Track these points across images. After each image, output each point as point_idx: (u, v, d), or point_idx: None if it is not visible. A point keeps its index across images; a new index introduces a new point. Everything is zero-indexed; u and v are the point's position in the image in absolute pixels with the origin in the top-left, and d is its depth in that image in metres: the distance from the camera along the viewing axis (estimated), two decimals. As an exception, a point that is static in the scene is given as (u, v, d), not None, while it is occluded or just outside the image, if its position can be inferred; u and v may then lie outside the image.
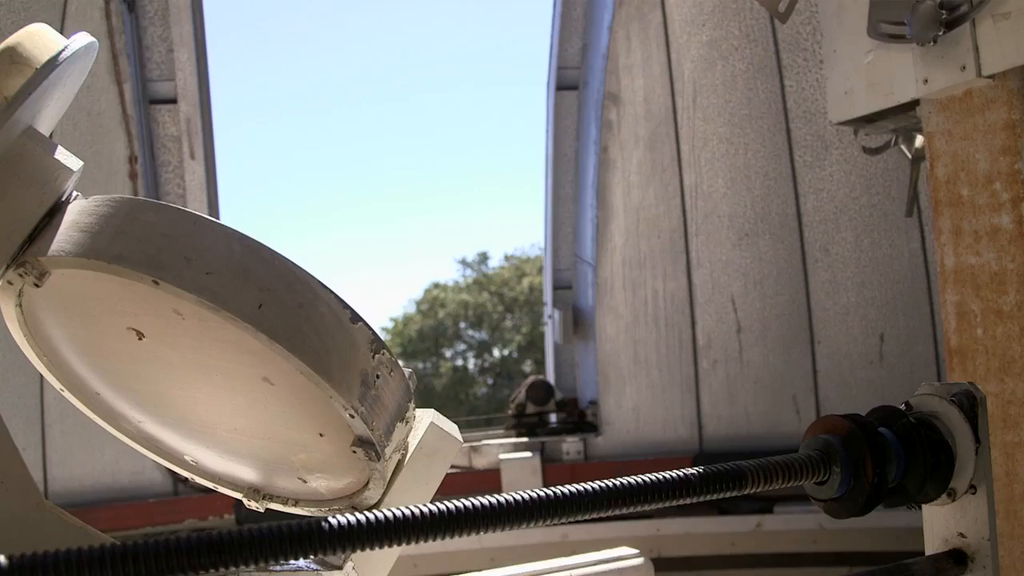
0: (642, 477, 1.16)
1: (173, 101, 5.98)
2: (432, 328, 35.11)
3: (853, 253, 6.02)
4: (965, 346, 3.02)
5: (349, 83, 63.08)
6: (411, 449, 1.39)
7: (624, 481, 1.14)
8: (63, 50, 1.38)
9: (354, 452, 1.29)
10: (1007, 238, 2.89)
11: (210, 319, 1.21)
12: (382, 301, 57.26)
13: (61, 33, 1.42)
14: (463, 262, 37.22)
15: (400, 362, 1.33)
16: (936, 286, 4.90)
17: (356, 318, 1.24)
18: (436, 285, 36.70)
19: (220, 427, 1.46)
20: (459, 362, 35.66)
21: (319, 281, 1.23)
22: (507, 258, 36.79)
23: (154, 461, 1.63)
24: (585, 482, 1.11)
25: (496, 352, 35.67)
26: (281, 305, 1.20)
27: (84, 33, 1.45)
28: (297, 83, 62.75)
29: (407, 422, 1.35)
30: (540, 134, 7.19)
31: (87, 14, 5.50)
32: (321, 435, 1.33)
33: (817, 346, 6.13)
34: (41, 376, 1.61)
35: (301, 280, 1.23)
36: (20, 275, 1.35)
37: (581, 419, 6.76)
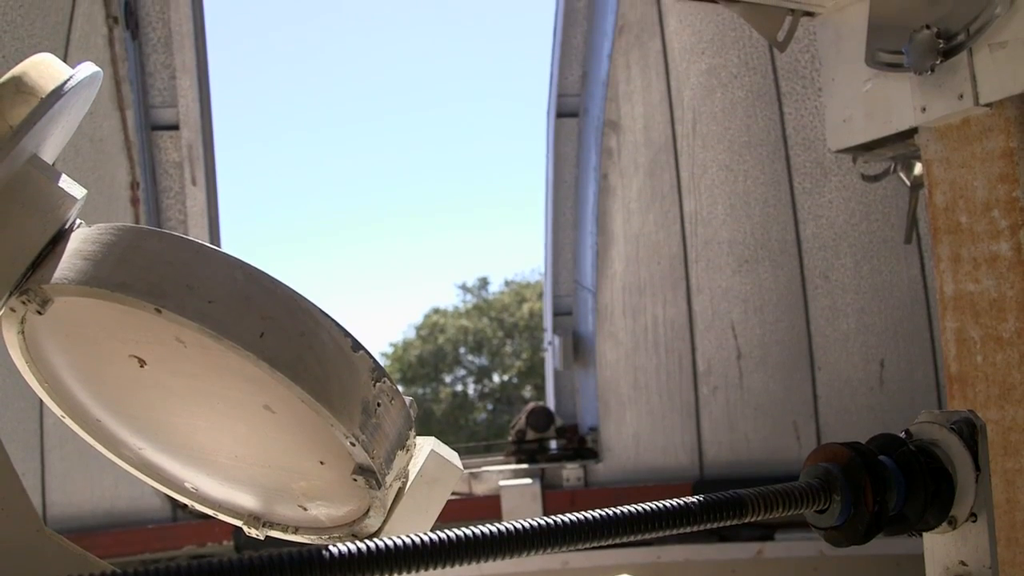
0: (642, 506, 1.16)
1: (175, 127, 6.02)
2: (432, 353, 35.08)
3: (853, 279, 6.03)
4: (965, 373, 3.02)
5: (349, 104, 63.34)
6: (412, 477, 1.40)
7: (624, 510, 1.14)
8: (68, 80, 1.39)
9: (355, 480, 1.29)
10: (1006, 265, 2.90)
11: (212, 347, 1.21)
12: (382, 326, 57.31)
13: (64, 59, 1.44)
14: (463, 287, 37.25)
15: (400, 387, 1.33)
16: (936, 312, 4.91)
17: (357, 346, 1.25)
18: (436, 310, 36.71)
19: (221, 454, 1.46)
20: (459, 387, 35.60)
21: (320, 309, 1.24)
22: (507, 283, 36.82)
23: (154, 488, 1.63)
24: (586, 510, 1.11)
25: (496, 378, 35.62)
26: (283, 333, 1.21)
27: (89, 63, 1.46)
28: (296, 104, 63.00)
29: (408, 450, 1.35)
30: (540, 159, 7.23)
31: (90, 41, 5.54)
32: (322, 463, 1.33)
33: (817, 372, 6.13)
34: (41, 402, 1.62)
35: (303, 308, 1.23)
36: (23, 302, 1.36)
37: (581, 445, 6.75)
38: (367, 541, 0.91)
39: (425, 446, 1.43)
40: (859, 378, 6.04)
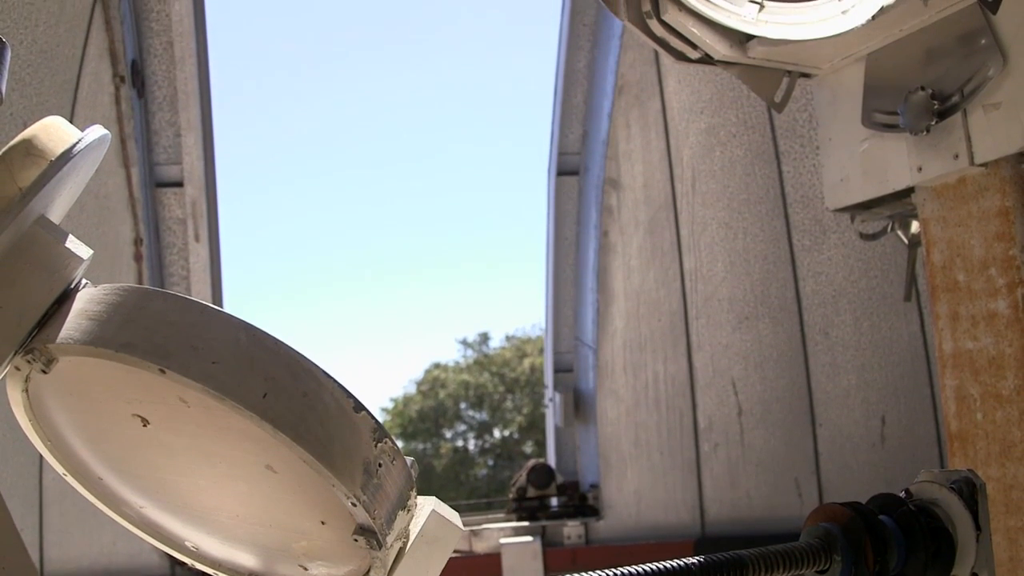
0: (642, 567, 1.17)
1: (179, 184, 6.07)
2: (432, 409, 34.96)
3: (853, 336, 6.04)
4: (965, 430, 3.02)
5: (349, 157, 63.75)
6: (412, 537, 1.40)
7: (624, 571, 1.14)
8: (77, 143, 1.41)
9: (356, 540, 1.29)
10: (1004, 323, 2.91)
11: (215, 407, 1.22)
12: (382, 381, 57.11)
13: (71, 117, 1.46)
14: (464, 342, 37.20)
15: (400, 443, 1.34)
16: (936, 369, 4.92)
17: (359, 407, 1.26)
18: (437, 365, 36.62)
19: (222, 513, 1.47)
20: (459, 443, 35.43)
21: (323, 370, 1.25)
22: (508, 338, 36.77)
23: (153, 545, 1.63)
24: (587, 568, 1.11)
25: (497, 433, 35.46)
26: (286, 394, 1.22)
27: (98, 126, 1.49)
28: (296, 155, 63.39)
29: (409, 510, 1.35)
30: (541, 213, 7.28)
31: (97, 99, 5.61)
32: (323, 523, 1.33)
33: (819, 429, 6.12)
34: (40, 457, 1.62)
35: (305, 369, 1.25)
36: (28, 361, 1.37)
37: (582, 503, 6.72)
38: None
39: (426, 506, 1.44)
40: (860, 434, 6.03)
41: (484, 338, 37.08)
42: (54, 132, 1.42)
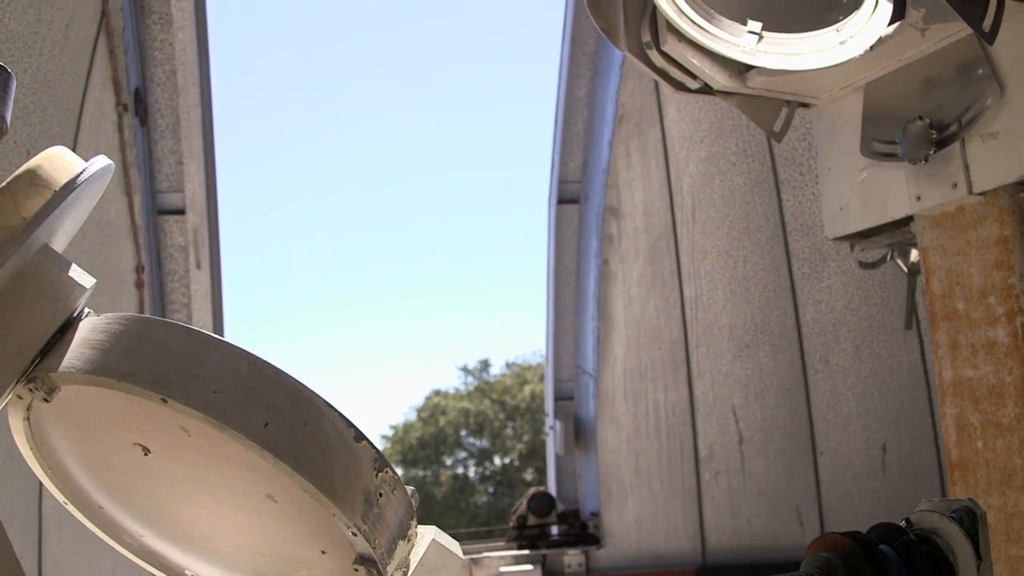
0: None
1: (181, 212, 6.09)
2: (433, 436, 34.85)
3: (853, 364, 6.04)
4: (966, 459, 3.02)
5: (348, 183, 63.88)
6: (413, 566, 1.40)
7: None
8: (81, 173, 1.42)
9: (356, 570, 1.30)
10: (1003, 351, 2.91)
11: (216, 436, 1.23)
12: (382, 408, 56.97)
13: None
14: (464, 369, 37.14)
15: (400, 471, 1.34)
16: (937, 396, 4.92)
17: (360, 436, 1.26)
18: (437, 392, 36.55)
19: (222, 542, 1.47)
20: (460, 470, 35.29)
21: (324, 399, 1.25)
22: (508, 365, 36.71)
23: (152, 574, 1.63)
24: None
25: (497, 460, 35.34)
26: (286, 423, 1.22)
27: (101, 156, 1.50)
28: (295, 180, 63.54)
29: (409, 540, 1.35)
30: (542, 240, 7.30)
31: (100, 127, 5.63)
32: (323, 552, 1.33)
33: (819, 457, 6.10)
34: (40, 484, 1.62)
35: (306, 398, 1.25)
36: (30, 390, 1.37)
37: (583, 531, 6.70)
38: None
39: (426, 535, 1.44)
40: (861, 462, 6.01)
41: (484, 365, 37.04)
42: (58, 162, 1.43)
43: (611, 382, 6.60)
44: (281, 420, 1.22)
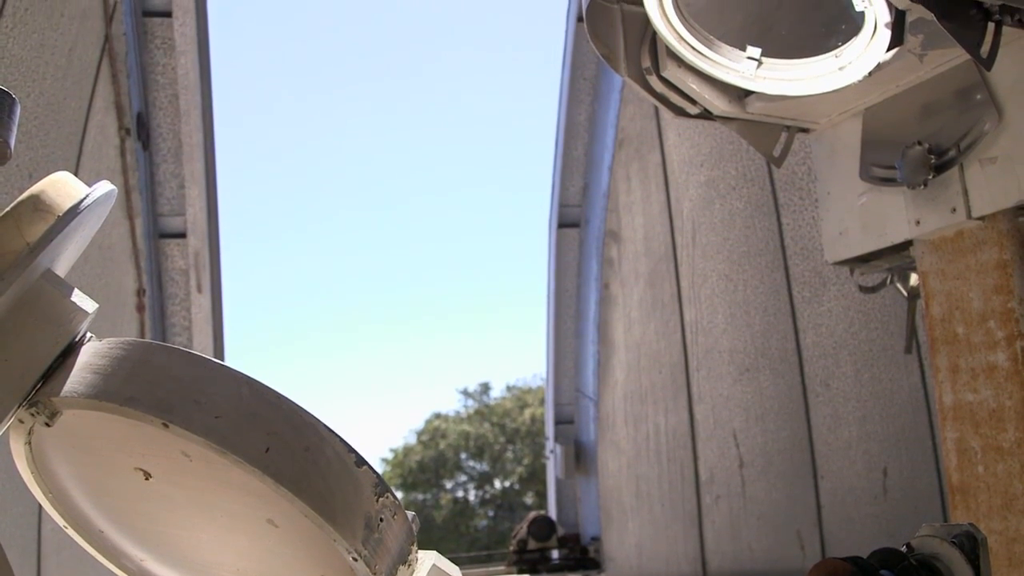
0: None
1: (182, 235, 6.11)
2: (433, 459, 34.78)
3: (854, 387, 6.03)
4: (967, 483, 3.02)
5: (347, 208, 63.97)
6: (413, 591, 1.40)
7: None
8: (84, 198, 1.43)
9: (356, 594, 1.30)
10: (1003, 375, 2.92)
11: (217, 461, 1.23)
12: (382, 431, 56.85)
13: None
14: (464, 392, 37.10)
15: (400, 495, 1.34)
16: (937, 420, 4.91)
17: (361, 462, 1.27)
18: (437, 415, 36.50)
19: (223, 567, 1.47)
20: (460, 494, 35.21)
21: (325, 425, 1.26)
22: (509, 388, 36.68)
23: (153, 600, 1.63)
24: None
25: (497, 484, 35.26)
26: (288, 448, 1.23)
27: (105, 182, 1.51)
28: (294, 203, 63.63)
29: (409, 565, 1.36)
30: (542, 263, 7.32)
31: (102, 151, 5.65)
32: (323, 577, 1.33)
33: (820, 481, 6.09)
34: (39, 508, 1.63)
35: (308, 424, 1.26)
36: (32, 414, 1.38)
37: (583, 555, 6.68)
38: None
39: (427, 560, 1.44)
40: (862, 487, 6.00)
41: (485, 388, 37.00)
42: (62, 187, 1.44)
43: (611, 406, 6.60)
44: (282, 445, 1.22)
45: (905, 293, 3.76)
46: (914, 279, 3.64)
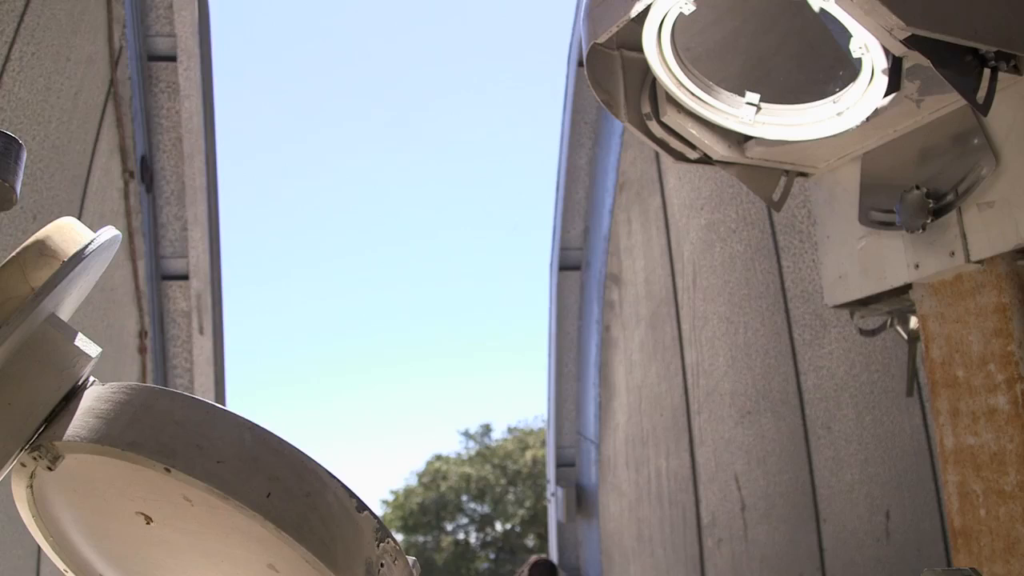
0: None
1: (185, 278, 6.13)
2: (434, 501, 34.57)
3: (855, 430, 6.02)
4: (969, 527, 3.01)
5: (348, 247, 64.08)
6: (413, 636, 1.40)
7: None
8: (89, 244, 1.44)
9: (356, 640, 1.30)
10: (1004, 419, 2.92)
11: (219, 506, 1.24)
12: (383, 473, 56.56)
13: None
14: (465, 434, 36.98)
15: (401, 537, 1.35)
16: (939, 463, 4.89)
17: (362, 507, 1.27)
18: (438, 457, 36.34)
19: (223, 612, 1.47)
20: (461, 536, 34.96)
21: (327, 470, 1.27)
22: (510, 430, 36.56)
23: (153, 644, 1.62)
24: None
25: (499, 526, 35.03)
26: (289, 494, 1.23)
27: (110, 227, 1.53)
28: (295, 242, 63.75)
29: (409, 609, 1.36)
30: (543, 304, 7.33)
31: (106, 194, 5.69)
32: (324, 621, 1.33)
33: (823, 524, 6.06)
34: (38, 549, 1.63)
35: (309, 469, 1.26)
36: (34, 458, 1.38)
37: (585, 599, 6.62)
38: None
39: (426, 605, 1.44)
40: (865, 529, 5.96)
41: (486, 430, 36.87)
42: (67, 233, 1.46)
43: (613, 449, 6.58)
44: (284, 491, 1.23)
45: (905, 336, 3.77)
46: (914, 322, 3.64)
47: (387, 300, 61.74)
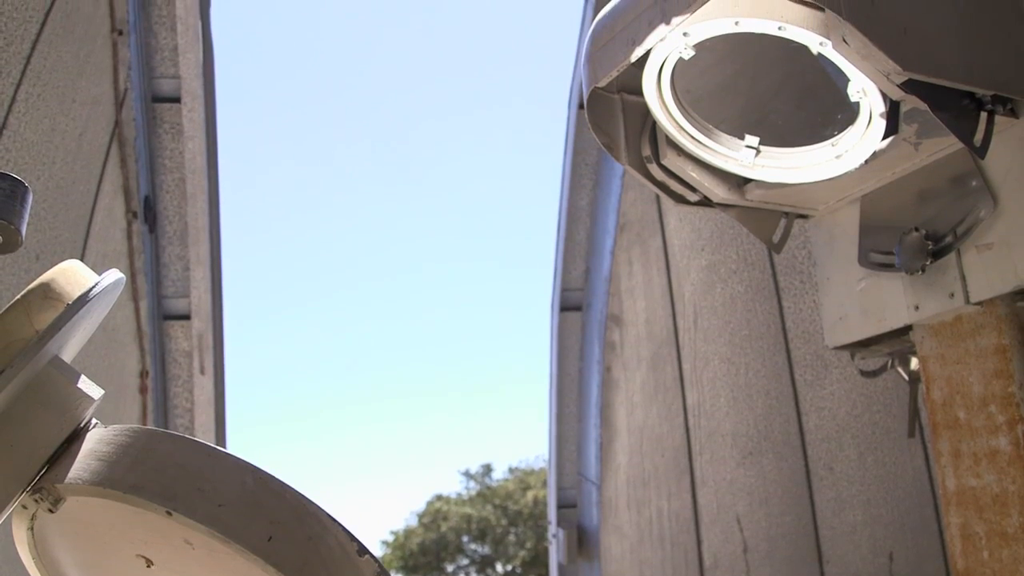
0: None
1: (187, 317, 6.14)
2: (434, 542, 34.40)
3: (858, 471, 5.99)
4: (972, 569, 2.99)
5: (347, 289, 64.11)
6: None
7: None
8: (93, 287, 1.46)
9: None
10: (1006, 460, 2.91)
11: (220, 550, 1.24)
12: (383, 513, 56.28)
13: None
14: (466, 474, 36.85)
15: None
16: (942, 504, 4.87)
17: (363, 551, 1.28)
18: (439, 497, 36.20)
19: (222, 656, 1.46)
20: (462, 577, 34.77)
21: (328, 514, 1.27)
22: (511, 470, 36.45)
23: None
24: None
25: (500, 567, 34.83)
26: (290, 538, 1.24)
27: (114, 270, 1.54)
28: (295, 279, 63.78)
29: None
30: (543, 343, 7.33)
31: (109, 234, 5.71)
32: (323, 666, 1.33)
33: (826, 566, 6.02)
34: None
35: (310, 513, 1.27)
36: (36, 500, 1.39)
37: (586, 642, 6.57)
38: None
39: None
40: (868, 571, 5.92)
41: (487, 470, 36.77)
42: (72, 276, 1.47)
43: (614, 490, 6.56)
44: (285, 534, 1.23)
45: (906, 377, 3.76)
46: (915, 363, 3.64)
47: (388, 339, 61.69)
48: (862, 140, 2.78)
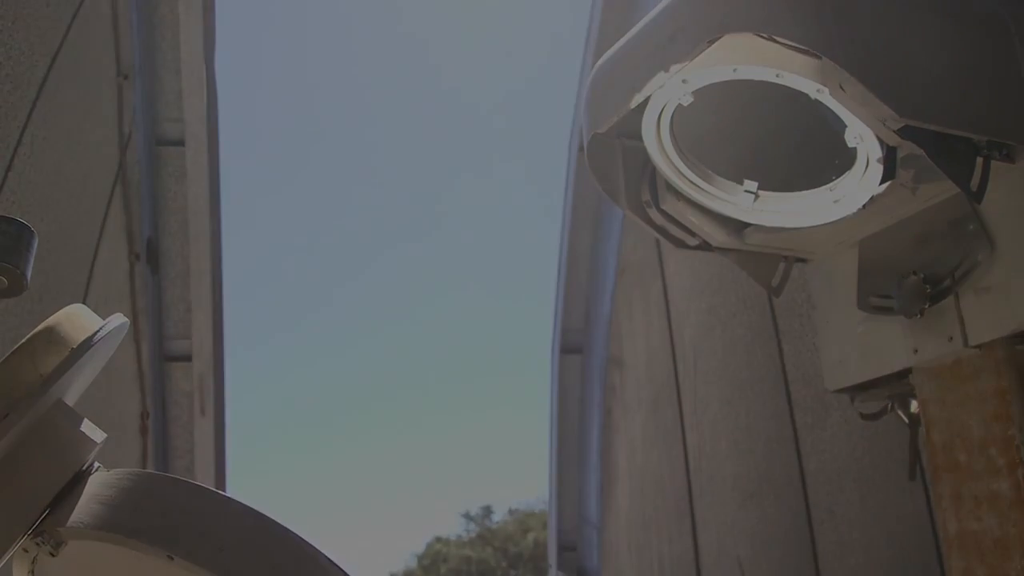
0: None
1: (188, 359, 6.15)
2: (434, 584, 34.13)
3: (859, 514, 5.96)
4: (975, 614, 2.97)
5: (347, 326, 64.06)
6: None
7: None
8: (98, 331, 1.47)
9: None
10: (1007, 503, 2.90)
11: (221, 593, 1.25)
12: (383, 554, 55.82)
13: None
14: (466, 516, 36.63)
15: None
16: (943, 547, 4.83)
17: (362, 594, 1.28)
18: (438, 539, 35.97)
19: None
20: (461, 621, 34.44)
21: (327, 557, 1.28)
22: (511, 512, 36.23)
23: None
24: None
25: (500, 611, 34.50)
26: (290, 581, 1.25)
27: (118, 314, 1.56)
28: (290, 315, 63.77)
29: None
30: (544, 387, 7.32)
31: (112, 275, 5.73)
32: None
33: (828, 610, 5.97)
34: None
35: (309, 556, 1.28)
36: (37, 543, 1.39)
37: None
38: None
39: None
40: (871, 616, 5.88)
41: (487, 511, 36.55)
42: (76, 320, 1.48)
43: (615, 533, 6.52)
44: (285, 578, 1.24)
45: (906, 420, 3.76)
46: (915, 406, 3.64)
47: (387, 379, 61.56)
48: (860, 185, 2.80)
